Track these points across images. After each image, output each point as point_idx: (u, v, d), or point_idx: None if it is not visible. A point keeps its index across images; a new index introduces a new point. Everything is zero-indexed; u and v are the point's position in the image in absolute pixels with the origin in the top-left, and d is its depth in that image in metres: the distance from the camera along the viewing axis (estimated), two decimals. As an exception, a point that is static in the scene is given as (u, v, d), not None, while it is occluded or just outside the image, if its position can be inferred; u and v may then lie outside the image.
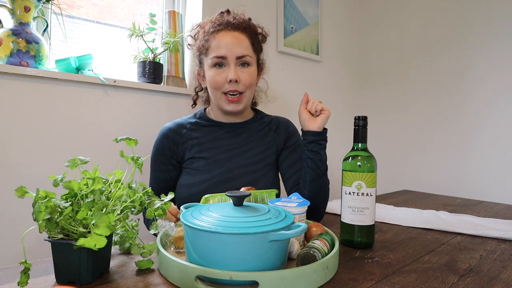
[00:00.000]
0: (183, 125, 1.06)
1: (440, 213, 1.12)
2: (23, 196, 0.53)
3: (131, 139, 0.66)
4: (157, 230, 0.66)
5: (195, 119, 1.08)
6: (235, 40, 0.97)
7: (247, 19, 1.04)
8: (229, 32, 0.98)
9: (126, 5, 1.57)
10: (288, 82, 2.02)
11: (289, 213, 0.61)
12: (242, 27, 1.00)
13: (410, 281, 0.59)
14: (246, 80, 0.98)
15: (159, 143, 1.04)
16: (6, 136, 1.12)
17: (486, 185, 1.85)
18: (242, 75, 0.98)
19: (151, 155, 1.06)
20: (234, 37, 0.98)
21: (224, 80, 0.97)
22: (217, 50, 0.97)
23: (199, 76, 1.10)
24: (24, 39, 1.11)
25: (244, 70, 0.99)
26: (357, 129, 0.79)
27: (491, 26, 1.86)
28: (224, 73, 0.97)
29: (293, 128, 1.14)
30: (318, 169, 0.93)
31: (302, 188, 0.96)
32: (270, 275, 0.51)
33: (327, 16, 2.23)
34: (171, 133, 1.04)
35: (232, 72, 0.96)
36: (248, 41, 1.00)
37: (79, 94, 1.26)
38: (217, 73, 0.98)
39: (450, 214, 1.10)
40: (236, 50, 0.96)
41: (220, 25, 0.99)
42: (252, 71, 1.01)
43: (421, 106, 2.14)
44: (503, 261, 0.70)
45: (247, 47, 0.99)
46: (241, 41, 0.98)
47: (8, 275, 0.58)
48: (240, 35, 0.99)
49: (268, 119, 1.13)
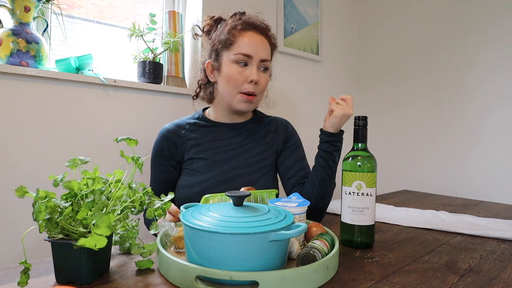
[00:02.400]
0: (182, 126, 1.06)
1: (440, 213, 1.12)
2: (23, 196, 0.53)
3: (132, 139, 0.66)
4: (157, 230, 0.66)
5: (194, 119, 1.08)
6: (263, 43, 1.00)
7: (269, 26, 1.06)
8: (257, 34, 1.00)
9: (126, 5, 1.57)
10: (288, 82, 2.02)
11: (289, 213, 0.61)
12: (266, 33, 1.02)
13: (410, 281, 0.59)
14: (263, 85, 1.01)
15: (159, 144, 1.04)
16: (6, 136, 1.12)
17: (486, 185, 1.85)
18: (261, 78, 0.99)
19: (150, 157, 1.06)
20: (261, 40, 1.00)
21: (244, 80, 0.97)
22: (245, 48, 0.97)
23: (208, 69, 1.05)
24: (24, 39, 1.11)
25: (263, 75, 1.01)
26: (357, 129, 0.79)
27: (491, 27, 1.86)
28: (246, 72, 0.98)
29: (292, 129, 1.14)
30: (329, 169, 0.93)
31: (310, 187, 0.95)
32: (270, 275, 0.51)
33: (327, 16, 2.23)
34: (170, 134, 1.04)
35: (255, 73, 0.97)
36: (269, 48, 1.03)
37: (79, 94, 1.26)
38: (238, 71, 0.97)
39: (450, 214, 1.10)
40: (262, 53, 0.98)
41: (248, 24, 1.00)
42: (267, 77, 1.03)
43: (421, 106, 2.14)
44: (503, 261, 0.70)
45: (269, 53, 1.02)
46: (266, 46, 1.01)
47: (8, 275, 0.58)
48: (265, 40, 1.01)
49: (267, 120, 1.13)
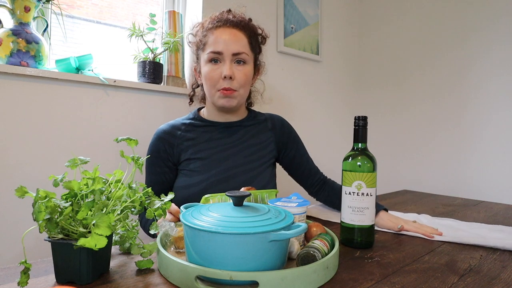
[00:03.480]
0: (178, 127, 1.05)
1: (422, 216, 1.05)
2: (23, 196, 0.53)
3: (132, 139, 0.66)
4: (157, 230, 0.66)
5: (189, 120, 1.08)
6: (233, 37, 0.98)
7: (247, 19, 1.04)
8: (227, 29, 0.99)
9: (126, 5, 1.57)
10: (288, 82, 2.02)
11: (289, 213, 0.61)
12: (240, 25, 1.00)
13: (410, 281, 0.59)
14: (241, 79, 0.98)
15: (154, 146, 1.03)
16: (6, 136, 1.12)
17: (486, 185, 1.85)
18: (237, 72, 0.98)
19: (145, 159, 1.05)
20: (232, 34, 0.98)
21: (219, 76, 0.97)
22: (214, 45, 0.97)
23: (195, 72, 1.09)
24: (24, 39, 1.11)
25: (240, 68, 0.98)
26: (357, 129, 0.79)
27: (491, 28, 1.86)
28: (219, 69, 0.97)
29: (287, 124, 1.15)
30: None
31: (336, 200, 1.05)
32: (270, 275, 0.51)
33: (327, 16, 2.23)
34: (166, 135, 1.03)
35: (227, 68, 0.96)
36: (246, 40, 1.00)
37: (79, 94, 1.26)
38: (212, 69, 0.97)
39: (431, 218, 1.02)
40: (232, 47, 0.96)
41: (219, 21, 0.99)
42: (247, 70, 1.00)
43: (421, 106, 2.14)
44: (503, 261, 0.70)
45: (244, 45, 0.99)
46: (238, 38, 0.98)
47: (8, 275, 0.58)
48: (238, 32, 0.99)
49: (263, 118, 1.13)
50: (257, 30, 1.06)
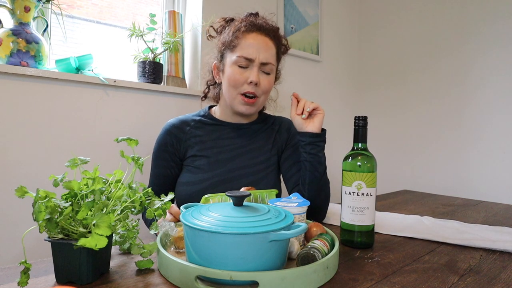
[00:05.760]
0: (187, 122, 1.06)
1: (424, 218, 1.03)
2: (23, 196, 0.53)
3: (132, 139, 0.66)
4: (157, 230, 0.66)
5: (199, 117, 1.08)
6: (265, 46, 0.98)
7: (277, 27, 1.04)
8: (260, 36, 0.99)
9: (126, 5, 1.57)
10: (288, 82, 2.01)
11: (289, 213, 0.61)
12: (272, 34, 1.01)
13: (410, 281, 0.59)
14: (265, 86, 0.99)
15: (162, 139, 1.04)
16: (6, 136, 1.12)
17: (486, 185, 1.85)
18: (263, 80, 0.99)
19: (153, 151, 1.05)
20: (264, 42, 0.99)
21: (244, 80, 0.97)
22: (246, 50, 0.97)
23: (215, 70, 1.07)
24: (24, 39, 1.11)
25: (265, 77, 1.00)
26: (357, 129, 0.79)
27: (491, 29, 1.86)
28: (246, 73, 0.97)
29: (294, 128, 1.14)
30: (316, 171, 0.93)
31: (302, 190, 0.96)
32: (270, 275, 0.51)
33: (327, 16, 2.23)
34: (174, 129, 1.04)
35: (255, 74, 0.96)
36: (274, 50, 1.01)
37: (79, 94, 1.26)
38: (239, 72, 0.97)
39: (434, 220, 1.01)
40: (262, 56, 0.97)
41: (253, 26, 0.99)
42: (271, 79, 1.02)
43: (421, 106, 2.14)
44: (503, 261, 0.70)
45: (272, 55, 1.00)
46: (269, 47, 0.99)
47: (8, 275, 0.58)
48: (269, 41, 1.00)
49: (271, 120, 1.14)
50: (283, 40, 1.07)
